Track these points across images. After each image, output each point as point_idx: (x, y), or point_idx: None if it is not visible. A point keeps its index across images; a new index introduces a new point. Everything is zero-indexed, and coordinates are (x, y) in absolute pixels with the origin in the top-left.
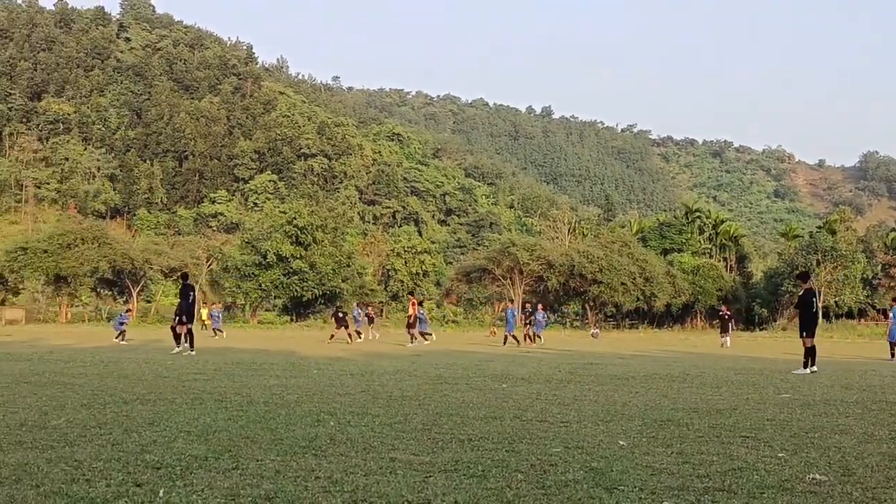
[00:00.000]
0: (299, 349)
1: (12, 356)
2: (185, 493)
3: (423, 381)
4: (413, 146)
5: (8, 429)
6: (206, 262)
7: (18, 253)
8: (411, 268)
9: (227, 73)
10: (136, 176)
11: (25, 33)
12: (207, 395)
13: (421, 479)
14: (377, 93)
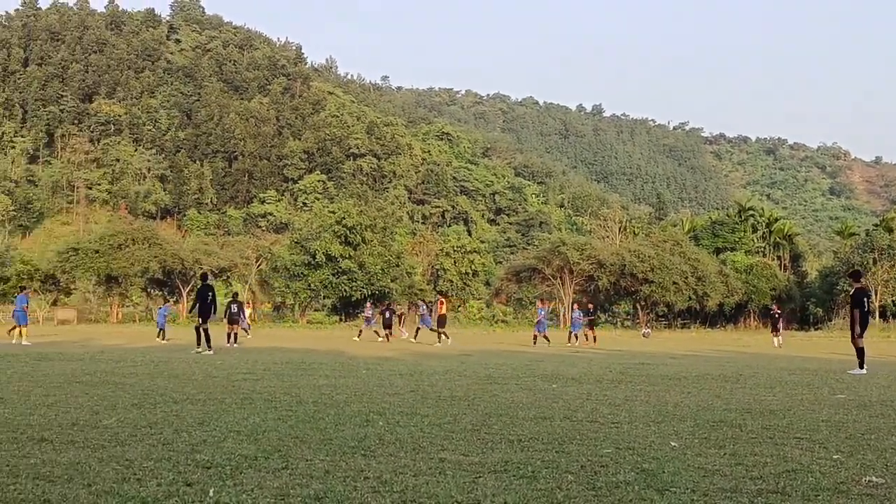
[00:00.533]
0: (348, 349)
1: (64, 356)
2: (234, 492)
3: (473, 382)
4: (462, 145)
5: (60, 428)
6: (255, 262)
7: (70, 253)
8: (460, 267)
9: (277, 73)
10: (186, 176)
11: (77, 36)
12: (257, 395)
13: (470, 479)
14: (426, 92)
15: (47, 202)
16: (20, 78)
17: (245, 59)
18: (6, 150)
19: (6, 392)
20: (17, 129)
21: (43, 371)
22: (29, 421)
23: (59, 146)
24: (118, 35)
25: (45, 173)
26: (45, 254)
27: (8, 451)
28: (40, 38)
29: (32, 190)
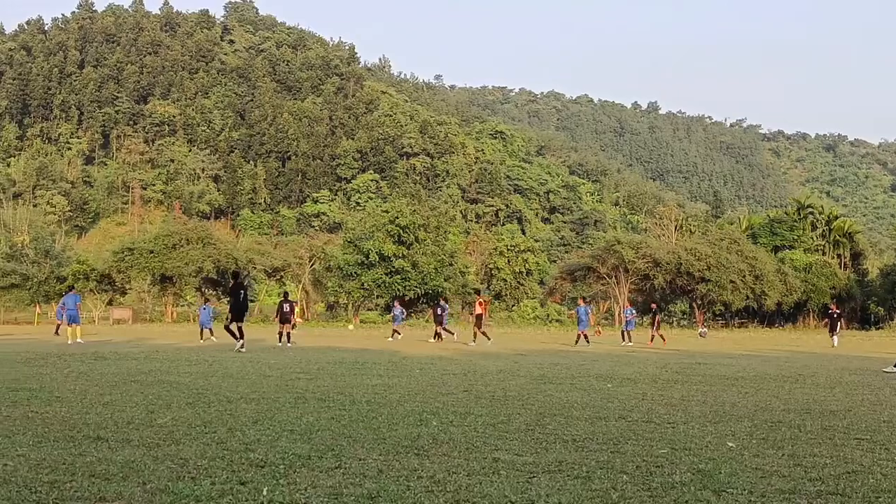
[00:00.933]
0: (402, 348)
1: (120, 355)
2: (288, 491)
3: (527, 381)
4: (516, 144)
5: (116, 426)
6: (308, 261)
7: (125, 253)
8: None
9: (330, 73)
10: (239, 176)
11: (132, 38)
12: (310, 394)
13: (524, 479)
14: (480, 91)
15: (103, 203)
16: (76, 80)
17: (298, 60)
18: (63, 152)
19: (63, 391)
20: (74, 130)
21: (99, 370)
22: (85, 419)
23: (114, 147)
24: (172, 36)
25: (100, 174)
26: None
27: (65, 448)
28: (96, 40)
29: (88, 191)
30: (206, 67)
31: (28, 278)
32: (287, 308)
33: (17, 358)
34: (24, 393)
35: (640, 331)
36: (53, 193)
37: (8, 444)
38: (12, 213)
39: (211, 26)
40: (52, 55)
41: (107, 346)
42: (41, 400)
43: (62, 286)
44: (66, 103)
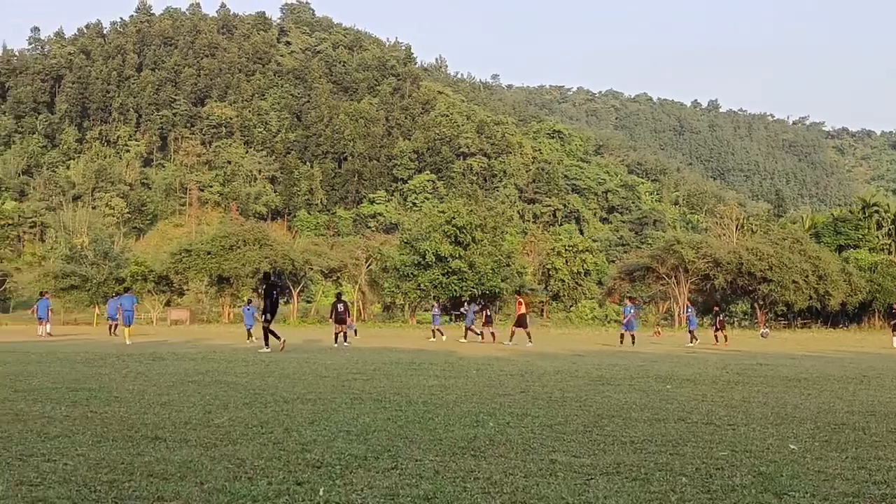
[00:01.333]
0: (458, 349)
1: (177, 356)
2: (344, 492)
3: (585, 382)
4: (574, 143)
5: (173, 426)
6: (365, 262)
7: (183, 255)
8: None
9: (386, 73)
10: (296, 178)
11: (189, 40)
12: (367, 395)
13: (582, 481)
14: (537, 90)
15: (161, 204)
16: (134, 83)
17: (355, 60)
18: (121, 154)
19: (122, 391)
20: (132, 133)
21: (157, 370)
22: (143, 419)
23: (171, 149)
24: (229, 39)
25: (158, 176)
26: (159, 255)
27: (123, 448)
28: (154, 43)
29: (146, 193)
30: (262, 69)
31: (87, 280)
32: (341, 308)
33: (77, 358)
34: (83, 393)
35: (700, 331)
36: (112, 196)
37: (68, 443)
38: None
39: (267, 28)
40: (111, 59)
41: (164, 346)
42: (100, 400)
43: (120, 287)
44: (125, 106)
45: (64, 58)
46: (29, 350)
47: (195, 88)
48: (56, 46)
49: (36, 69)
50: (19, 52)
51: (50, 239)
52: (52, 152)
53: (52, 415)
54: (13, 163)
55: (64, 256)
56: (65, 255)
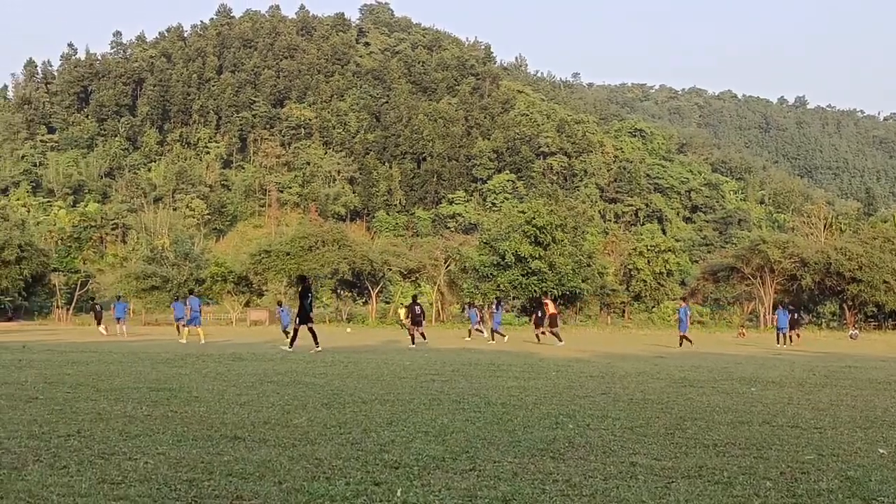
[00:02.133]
0: (538, 350)
1: (257, 356)
2: (422, 493)
3: (667, 384)
4: (656, 142)
5: (252, 426)
6: (444, 263)
7: (262, 256)
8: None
9: (466, 73)
10: (375, 178)
11: (269, 42)
12: (445, 396)
13: (663, 484)
14: (619, 88)
15: (240, 206)
16: (214, 85)
17: (434, 60)
18: (201, 156)
19: (202, 391)
20: (212, 135)
21: (236, 371)
22: (223, 419)
23: (251, 151)
24: (308, 40)
25: (238, 177)
26: (239, 256)
27: (203, 447)
28: (234, 45)
29: (226, 194)
30: (341, 70)
31: (168, 280)
32: (418, 310)
33: (158, 358)
34: (164, 393)
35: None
36: (192, 197)
37: (149, 442)
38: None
39: (346, 29)
40: (192, 61)
41: (244, 347)
42: (180, 400)
43: (201, 288)
44: (205, 108)
45: (145, 61)
46: (111, 350)
47: (274, 90)
48: (138, 50)
49: (118, 73)
50: (102, 56)
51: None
52: (133, 155)
53: (134, 414)
54: (96, 165)
55: (145, 258)
56: (146, 257)
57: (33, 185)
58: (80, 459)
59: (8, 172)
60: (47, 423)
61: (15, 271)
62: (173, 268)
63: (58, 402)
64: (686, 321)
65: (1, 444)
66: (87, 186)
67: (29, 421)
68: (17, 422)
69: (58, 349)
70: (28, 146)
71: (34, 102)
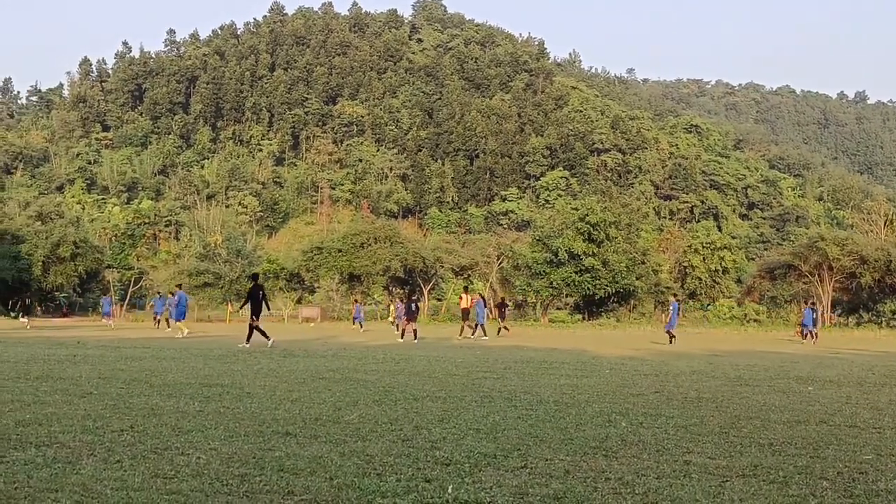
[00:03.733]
0: (591, 348)
1: (308, 353)
2: (473, 489)
3: (721, 383)
4: (712, 138)
5: (304, 423)
6: (496, 260)
7: (314, 252)
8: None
9: (519, 69)
10: (427, 175)
11: (321, 39)
12: (497, 394)
13: (717, 483)
14: (674, 84)
15: (292, 203)
16: (267, 83)
17: (487, 57)
18: (254, 153)
19: (254, 387)
20: (265, 132)
21: (288, 367)
22: (274, 415)
23: (303, 148)
24: (361, 37)
25: (290, 175)
26: (290, 253)
27: (254, 443)
28: (286, 43)
29: (278, 191)
30: (393, 67)
31: (220, 277)
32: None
33: (210, 355)
34: (216, 389)
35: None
36: (245, 194)
37: (201, 438)
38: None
39: (399, 26)
40: (244, 59)
41: (296, 343)
42: (232, 396)
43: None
44: (258, 106)
45: (199, 59)
46: (164, 346)
47: (327, 87)
48: (191, 48)
49: (172, 71)
50: (156, 55)
51: (184, 237)
52: (186, 152)
53: (186, 410)
54: (150, 163)
55: (198, 254)
56: (199, 253)
57: (88, 183)
58: (133, 454)
59: (63, 170)
60: (101, 418)
61: (70, 268)
62: (225, 265)
63: (111, 398)
64: (675, 318)
65: (56, 438)
66: (141, 184)
67: (83, 416)
68: (71, 417)
69: (111, 345)
70: (83, 144)
71: (89, 101)
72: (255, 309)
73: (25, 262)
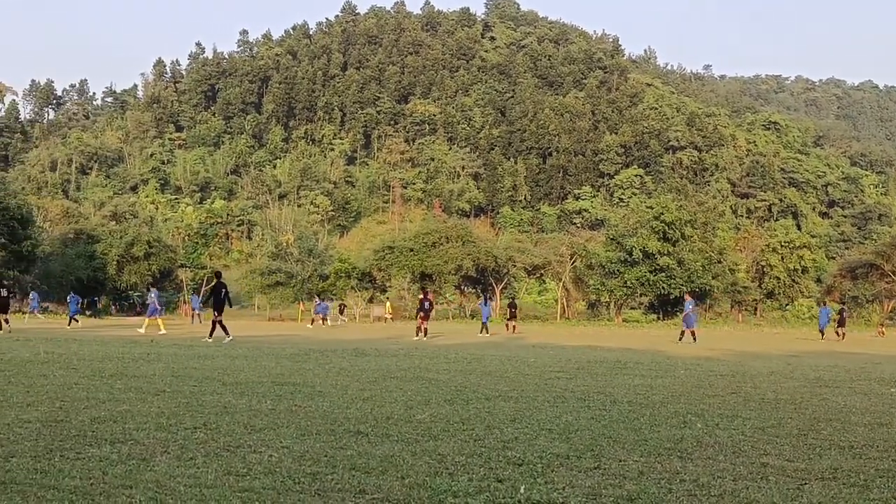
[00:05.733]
0: (665, 348)
1: (380, 352)
2: (545, 490)
3: (800, 384)
4: (791, 135)
5: (375, 422)
6: (569, 259)
7: (386, 252)
8: (788, 264)
9: (593, 66)
10: (499, 174)
11: (393, 38)
12: (570, 394)
13: (795, 486)
14: (752, 80)
15: (364, 202)
16: (339, 82)
17: (560, 54)
18: (326, 153)
19: (325, 386)
20: (336, 131)
21: (360, 366)
22: (346, 414)
23: (375, 147)
24: (433, 36)
25: (362, 174)
26: (362, 252)
27: (326, 442)
28: (358, 42)
29: (350, 190)
30: (466, 65)
31: (292, 276)
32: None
33: (282, 353)
34: (288, 387)
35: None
36: (317, 193)
37: (273, 436)
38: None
39: (472, 24)
40: (317, 59)
41: (367, 342)
42: (304, 394)
43: (324, 284)
44: (330, 105)
45: (271, 59)
46: (236, 345)
47: (399, 86)
48: (264, 48)
49: (244, 71)
50: (229, 55)
51: (256, 237)
52: (259, 152)
53: (258, 408)
54: (222, 163)
55: (270, 254)
56: (271, 253)
57: (161, 183)
58: (206, 451)
59: (137, 170)
60: (174, 415)
61: (143, 267)
62: (297, 264)
63: (184, 396)
64: (693, 317)
65: (130, 435)
66: (214, 183)
67: (157, 413)
68: (145, 414)
69: (184, 343)
70: (157, 144)
71: (163, 101)
72: (217, 305)
73: (100, 261)
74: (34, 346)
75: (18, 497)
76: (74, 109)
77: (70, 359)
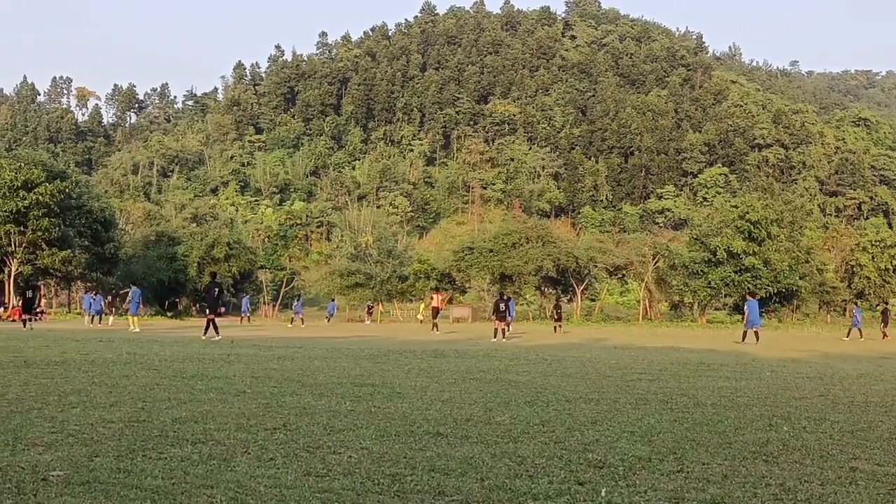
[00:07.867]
0: (751, 350)
1: (459, 353)
2: (627, 493)
3: (891, 386)
4: (882, 131)
5: (455, 423)
6: (652, 259)
7: (465, 252)
8: (879, 263)
9: (676, 64)
10: (580, 174)
11: (473, 38)
12: (652, 396)
13: (885, 491)
14: (840, 76)
15: (443, 203)
16: (418, 83)
17: (642, 52)
18: (405, 154)
19: (405, 387)
20: (415, 132)
21: (439, 367)
22: (425, 415)
23: (454, 147)
24: (513, 35)
25: (441, 174)
26: (441, 253)
27: (405, 443)
28: (437, 42)
29: (429, 191)
30: (546, 64)
31: (371, 277)
32: (503, 307)
33: (360, 354)
34: (367, 388)
35: None
36: (396, 195)
37: (352, 437)
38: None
39: (552, 23)
40: (396, 60)
41: (446, 344)
42: (383, 395)
43: (404, 285)
44: (409, 106)
45: (350, 61)
46: (315, 346)
47: (478, 86)
48: (343, 50)
49: (323, 73)
50: (308, 57)
51: (336, 238)
52: (338, 153)
53: (337, 409)
54: (301, 164)
55: (349, 255)
56: (350, 254)
57: (241, 185)
58: (286, 452)
59: (217, 172)
60: (254, 416)
61: (224, 268)
62: (377, 265)
63: (264, 397)
64: (757, 317)
65: (211, 435)
66: (293, 185)
67: (237, 414)
68: (226, 415)
69: (264, 345)
70: (237, 147)
71: (242, 104)
72: (211, 305)
73: (181, 262)
74: (117, 347)
75: (102, 496)
76: (156, 113)
77: (152, 360)
